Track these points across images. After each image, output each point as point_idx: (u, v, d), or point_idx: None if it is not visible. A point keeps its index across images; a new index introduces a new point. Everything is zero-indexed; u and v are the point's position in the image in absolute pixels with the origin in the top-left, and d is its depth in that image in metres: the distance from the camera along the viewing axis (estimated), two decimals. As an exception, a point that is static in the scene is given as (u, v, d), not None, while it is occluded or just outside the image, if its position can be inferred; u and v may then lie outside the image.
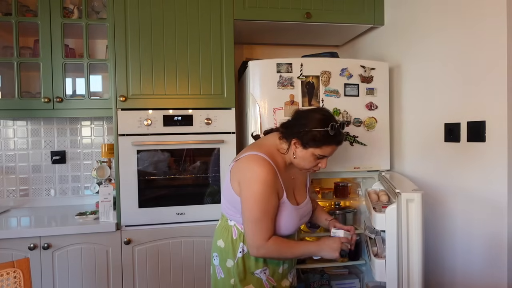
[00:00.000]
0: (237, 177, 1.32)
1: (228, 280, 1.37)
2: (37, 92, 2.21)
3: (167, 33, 1.95)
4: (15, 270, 1.26)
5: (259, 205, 1.26)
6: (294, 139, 1.32)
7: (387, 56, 2.13)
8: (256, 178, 1.26)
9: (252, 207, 1.26)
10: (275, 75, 1.86)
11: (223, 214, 1.44)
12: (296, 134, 1.31)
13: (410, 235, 1.33)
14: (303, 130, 1.30)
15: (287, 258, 1.39)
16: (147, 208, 1.92)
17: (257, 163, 1.28)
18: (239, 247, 1.35)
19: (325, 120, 1.31)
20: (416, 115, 1.89)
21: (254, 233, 1.27)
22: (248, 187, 1.28)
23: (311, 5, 2.10)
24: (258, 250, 1.28)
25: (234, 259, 1.36)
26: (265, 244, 1.27)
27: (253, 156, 1.31)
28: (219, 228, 1.45)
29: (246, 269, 1.36)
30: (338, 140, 1.33)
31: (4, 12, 2.04)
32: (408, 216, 1.33)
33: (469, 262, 1.57)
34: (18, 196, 2.34)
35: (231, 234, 1.37)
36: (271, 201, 1.28)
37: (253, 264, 1.36)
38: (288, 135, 1.34)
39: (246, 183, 1.29)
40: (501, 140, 1.39)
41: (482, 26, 1.47)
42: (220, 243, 1.40)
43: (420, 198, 1.33)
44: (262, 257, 1.34)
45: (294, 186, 1.43)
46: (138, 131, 1.91)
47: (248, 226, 1.28)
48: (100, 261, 1.87)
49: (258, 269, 1.36)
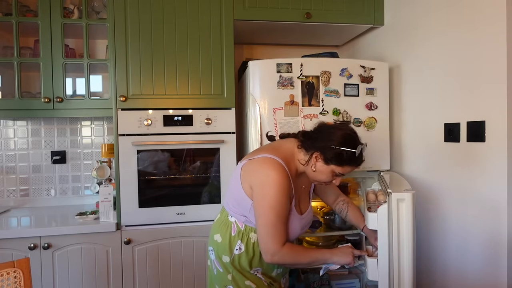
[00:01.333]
0: (249, 179, 1.29)
1: (225, 275, 1.36)
2: (37, 92, 2.21)
3: (167, 33, 1.95)
4: (15, 270, 1.26)
5: (274, 210, 1.23)
6: (317, 153, 1.30)
7: (387, 56, 2.13)
8: (271, 183, 1.23)
9: (267, 212, 1.24)
10: (275, 75, 1.86)
11: (224, 208, 1.42)
12: (319, 148, 1.29)
13: (400, 235, 1.34)
14: (328, 146, 1.28)
15: (302, 264, 1.37)
16: (147, 208, 1.93)
17: (272, 167, 1.26)
18: (237, 244, 1.34)
19: (353, 140, 1.30)
20: (416, 115, 1.90)
21: (268, 238, 1.25)
22: (262, 192, 1.25)
23: (311, 5, 2.10)
24: (272, 257, 1.26)
25: (230, 256, 1.34)
26: (280, 250, 1.25)
27: (269, 159, 1.28)
28: (218, 222, 1.42)
29: (242, 267, 1.35)
30: (361, 162, 1.33)
31: (4, 12, 2.04)
32: (398, 215, 1.34)
33: (469, 262, 1.57)
34: (18, 196, 2.34)
35: (230, 230, 1.36)
36: (285, 206, 1.26)
37: (247, 264, 1.34)
38: (310, 147, 1.32)
39: (260, 187, 1.25)
40: (501, 140, 1.39)
41: (482, 25, 1.47)
42: (217, 237, 1.38)
43: (410, 198, 1.33)
44: (276, 263, 1.30)
45: (300, 195, 1.42)
46: (138, 131, 1.91)
47: (263, 232, 1.25)
48: (100, 261, 1.87)
49: (252, 269, 1.35)
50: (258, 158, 1.30)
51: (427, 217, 1.81)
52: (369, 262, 1.41)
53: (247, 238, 1.33)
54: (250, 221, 1.33)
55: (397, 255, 1.33)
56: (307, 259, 1.32)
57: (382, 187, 1.65)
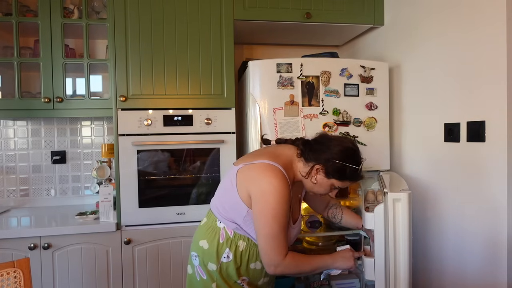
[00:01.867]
0: (248, 185, 1.24)
1: (209, 283, 1.30)
2: (37, 92, 2.21)
3: (167, 33, 1.95)
4: (15, 270, 1.26)
5: (277, 221, 1.19)
6: (318, 166, 1.27)
7: (387, 56, 2.13)
8: (274, 192, 1.19)
9: (270, 222, 1.19)
10: (275, 75, 1.86)
11: (212, 212, 1.35)
12: (322, 161, 1.27)
13: (396, 235, 1.34)
14: (331, 160, 1.26)
15: (305, 272, 1.34)
16: (147, 208, 1.93)
17: (274, 175, 1.21)
18: (225, 252, 1.28)
19: (356, 155, 1.29)
20: (416, 115, 1.90)
21: (271, 250, 1.21)
22: (264, 201, 1.20)
23: (311, 5, 2.10)
24: (276, 268, 1.23)
25: (217, 264, 1.28)
26: (283, 261, 1.22)
27: (271, 166, 1.23)
28: (205, 227, 1.35)
29: (229, 276, 1.30)
30: (360, 178, 1.33)
31: (4, 12, 2.04)
32: (394, 215, 1.34)
33: (467, 261, 1.57)
34: (18, 196, 2.34)
35: (218, 237, 1.29)
36: (287, 216, 1.23)
37: (235, 273, 1.29)
38: (310, 158, 1.29)
39: (261, 195, 1.20)
40: (501, 140, 1.39)
41: (482, 26, 1.47)
42: (203, 243, 1.32)
43: (406, 198, 1.33)
44: (280, 274, 1.26)
45: (294, 203, 1.37)
46: (138, 131, 1.91)
47: (265, 243, 1.21)
48: (100, 261, 1.87)
49: (239, 279, 1.30)
50: (259, 164, 1.26)
51: (429, 217, 1.81)
52: (366, 262, 1.42)
53: (236, 246, 1.28)
54: (241, 229, 1.28)
55: (393, 254, 1.33)
56: (309, 268, 1.30)
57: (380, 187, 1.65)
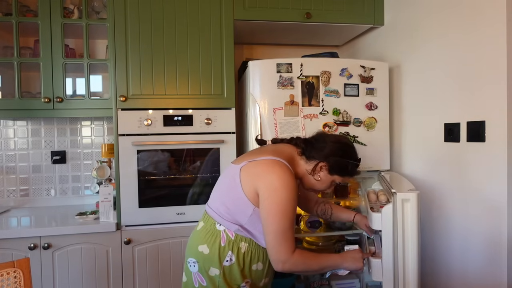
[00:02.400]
0: (255, 182, 1.22)
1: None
2: (37, 92, 2.21)
3: (167, 33, 1.95)
4: (15, 270, 1.26)
5: (287, 216, 1.19)
6: (322, 163, 1.30)
7: (387, 56, 2.13)
8: (284, 187, 1.18)
9: (280, 218, 1.18)
10: (275, 75, 1.86)
11: (210, 216, 1.32)
12: (325, 158, 1.30)
13: (405, 235, 1.33)
14: (335, 157, 1.29)
15: (312, 271, 1.34)
16: (147, 208, 1.93)
17: (283, 171, 1.20)
18: (227, 255, 1.26)
19: (355, 152, 1.35)
20: (416, 115, 1.90)
21: (279, 246, 1.19)
22: (275, 196, 1.18)
23: (311, 5, 2.10)
24: (284, 264, 1.21)
25: (220, 268, 1.26)
26: (291, 258, 1.20)
27: (278, 162, 1.22)
28: (203, 231, 1.32)
29: (232, 279, 1.27)
30: (358, 173, 1.38)
31: (4, 12, 2.04)
32: (403, 215, 1.33)
33: (468, 261, 1.57)
34: (18, 196, 2.34)
35: (218, 240, 1.27)
36: (295, 212, 1.22)
37: (239, 276, 1.27)
38: (313, 156, 1.32)
39: (271, 191, 1.19)
40: (501, 140, 1.39)
41: (483, 27, 1.47)
42: (202, 248, 1.28)
43: (415, 198, 1.33)
44: (287, 271, 1.24)
45: None
46: (138, 131, 1.91)
47: (273, 239, 1.19)
48: (100, 261, 1.87)
49: (243, 282, 1.28)
50: (265, 160, 1.24)
51: (429, 218, 1.81)
52: (374, 263, 1.41)
53: (238, 248, 1.26)
54: (243, 230, 1.26)
55: (402, 255, 1.33)
56: (317, 266, 1.29)
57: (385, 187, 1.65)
